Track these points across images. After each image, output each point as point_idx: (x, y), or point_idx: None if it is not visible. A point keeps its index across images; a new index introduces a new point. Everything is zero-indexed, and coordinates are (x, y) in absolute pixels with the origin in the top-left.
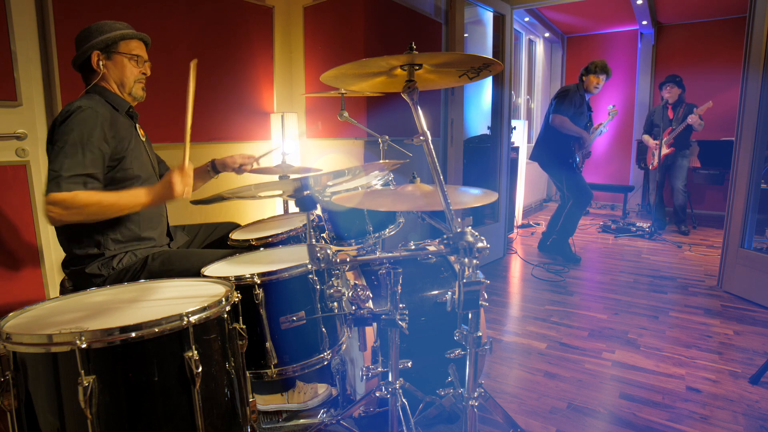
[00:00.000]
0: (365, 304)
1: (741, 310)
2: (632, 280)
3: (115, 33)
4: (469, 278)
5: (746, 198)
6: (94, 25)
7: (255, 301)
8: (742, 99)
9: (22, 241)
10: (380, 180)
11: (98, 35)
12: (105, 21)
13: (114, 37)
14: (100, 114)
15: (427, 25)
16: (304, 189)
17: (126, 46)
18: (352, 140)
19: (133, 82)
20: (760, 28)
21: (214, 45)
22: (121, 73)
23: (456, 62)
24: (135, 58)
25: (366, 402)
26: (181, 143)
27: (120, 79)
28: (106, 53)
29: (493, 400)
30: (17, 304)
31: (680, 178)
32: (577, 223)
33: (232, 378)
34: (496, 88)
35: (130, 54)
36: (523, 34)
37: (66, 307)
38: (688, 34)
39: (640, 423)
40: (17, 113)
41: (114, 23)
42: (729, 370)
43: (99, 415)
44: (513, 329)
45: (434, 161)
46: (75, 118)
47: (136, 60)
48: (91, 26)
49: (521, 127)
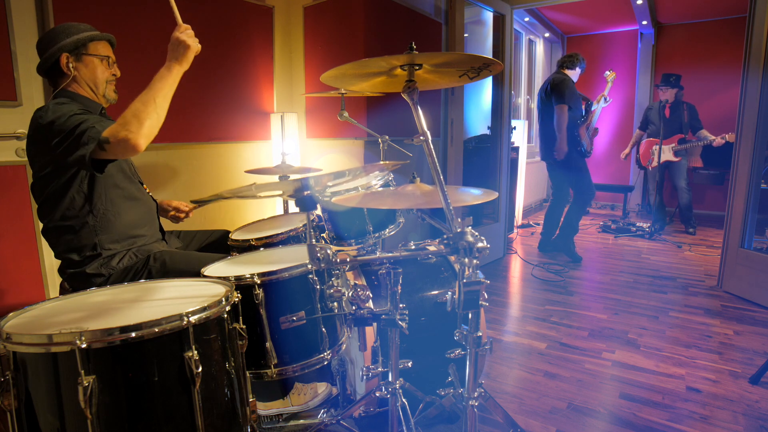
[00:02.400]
0: (365, 304)
1: (741, 310)
2: (632, 280)
3: (84, 34)
4: (469, 278)
5: (746, 198)
6: (59, 27)
7: (255, 301)
8: (742, 99)
9: (22, 241)
10: (380, 180)
11: (66, 37)
12: (69, 23)
13: (83, 38)
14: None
15: (427, 25)
16: (304, 189)
17: (95, 47)
18: (352, 140)
19: (105, 83)
20: (760, 28)
21: (214, 45)
22: (93, 74)
23: (456, 62)
24: (104, 58)
25: (366, 402)
26: (180, 143)
27: (93, 80)
28: (76, 55)
29: (493, 400)
30: (17, 305)
31: (682, 177)
32: (579, 220)
33: (232, 378)
34: (496, 88)
35: (99, 55)
36: (523, 34)
37: (66, 307)
38: (688, 34)
39: (640, 423)
40: (17, 113)
41: (78, 25)
42: (729, 370)
43: (99, 415)
44: (513, 329)
45: (434, 161)
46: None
47: (107, 61)
48: (56, 28)
49: (521, 127)
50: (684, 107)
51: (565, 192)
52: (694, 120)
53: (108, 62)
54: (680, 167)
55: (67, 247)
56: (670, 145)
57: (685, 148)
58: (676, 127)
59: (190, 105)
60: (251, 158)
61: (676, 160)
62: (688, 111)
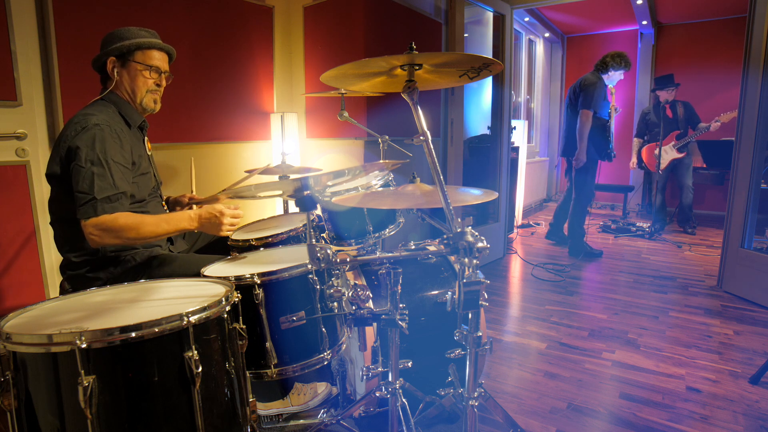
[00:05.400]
0: (365, 304)
1: (741, 310)
2: (632, 280)
3: (131, 41)
4: (469, 278)
5: (746, 198)
6: (117, 30)
7: (255, 301)
8: (742, 99)
9: (22, 241)
10: (380, 180)
11: (117, 41)
12: (130, 27)
13: (129, 45)
14: (117, 132)
15: (427, 25)
16: (304, 189)
17: (142, 55)
18: (352, 140)
19: (145, 93)
20: (760, 28)
21: (214, 45)
22: (133, 82)
23: (456, 62)
24: (150, 68)
25: (366, 402)
26: (180, 143)
27: (132, 88)
28: (122, 60)
29: (493, 400)
30: (17, 305)
31: (689, 175)
32: (583, 223)
33: (232, 378)
34: (496, 88)
35: (145, 64)
36: (523, 34)
37: (66, 307)
38: (688, 34)
39: (640, 423)
40: (17, 113)
41: (139, 30)
42: (729, 370)
43: (99, 415)
44: (513, 329)
45: (434, 161)
46: (95, 135)
47: (151, 70)
48: (115, 31)
49: (521, 127)
50: (679, 105)
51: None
52: (692, 115)
53: (151, 72)
54: (687, 165)
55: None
56: (670, 144)
57: (686, 142)
58: (675, 125)
59: (190, 105)
60: (251, 158)
61: (681, 156)
62: (684, 108)
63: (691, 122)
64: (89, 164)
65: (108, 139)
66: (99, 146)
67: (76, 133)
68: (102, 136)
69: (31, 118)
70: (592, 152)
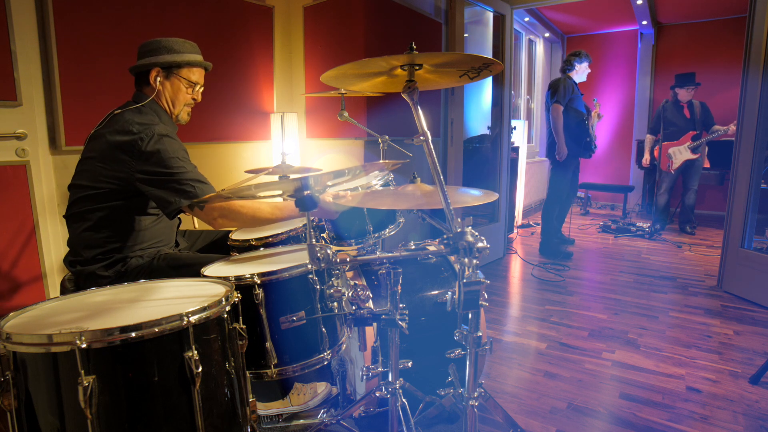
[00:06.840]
0: (365, 304)
1: (741, 310)
2: (632, 280)
3: (183, 58)
4: (469, 278)
5: (746, 198)
6: (164, 41)
7: (255, 301)
8: (742, 99)
9: (22, 241)
10: (380, 180)
11: (166, 53)
12: (175, 39)
13: (180, 61)
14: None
15: (427, 25)
16: (304, 189)
17: (188, 72)
18: (352, 140)
19: (183, 106)
20: (760, 28)
21: (214, 45)
22: (175, 95)
23: (456, 62)
24: (193, 85)
25: (366, 402)
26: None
27: (173, 100)
28: (166, 72)
29: (493, 400)
30: (17, 305)
31: (697, 177)
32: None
33: (232, 378)
34: (496, 88)
35: (189, 80)
36: (523, 34)
37: (66, 307)
38: (688, 34)
39: (640, 423)
40: (17, 113)
41: (184, 43)
42: (729, 370)
43: (99, 415)
44: (513, 329)
45: (434, 161)
46: (167, 141)
47: (193, 86)
48: (161, 40)
49: (521, 127)
50: (697, 105)
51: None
52: (708, 116)
53: (193, 88)
54: (698, 167)
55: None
56: (685, 144)
57: (701, 143)
58: (692, 125)
59: None
60: (251, 158)
61: (695, 157)
62: (702, 108)
63: (706, 124)
64: (170, 157)
65: (174, 143)
66: (171, 146)
67: (148, 138)
68: (170, 141)
69: (31, 118)
70: (572, 147)
